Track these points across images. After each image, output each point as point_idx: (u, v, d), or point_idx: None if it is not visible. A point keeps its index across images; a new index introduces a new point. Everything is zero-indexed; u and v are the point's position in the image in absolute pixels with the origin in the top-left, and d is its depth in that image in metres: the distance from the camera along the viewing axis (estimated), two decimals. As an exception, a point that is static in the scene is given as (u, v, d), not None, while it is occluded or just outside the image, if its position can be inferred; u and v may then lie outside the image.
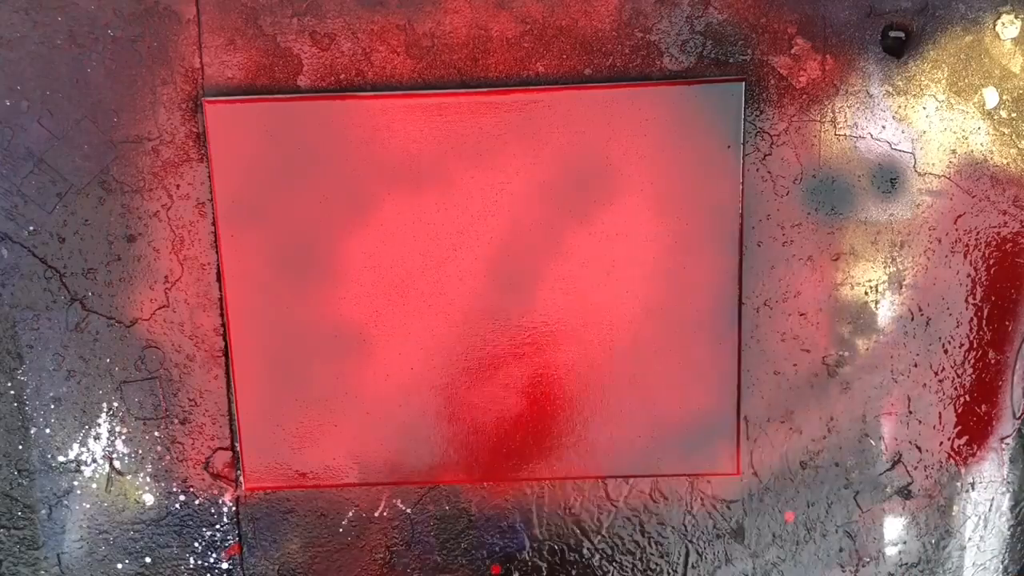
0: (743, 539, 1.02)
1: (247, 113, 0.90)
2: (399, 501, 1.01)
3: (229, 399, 0.98)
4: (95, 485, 1.00)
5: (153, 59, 0.91)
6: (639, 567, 1.02)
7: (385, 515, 1.01)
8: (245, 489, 1.00)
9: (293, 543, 1.02)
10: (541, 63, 0.91)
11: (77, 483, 1.00)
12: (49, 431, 0.98)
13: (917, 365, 0.98)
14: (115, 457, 0.99)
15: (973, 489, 1.01)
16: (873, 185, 0.93)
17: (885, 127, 0.92)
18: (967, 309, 0.96)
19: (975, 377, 0.98)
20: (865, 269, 0.95)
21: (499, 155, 0.92)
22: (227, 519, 1.01)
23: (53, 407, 0.98)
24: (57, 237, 0.94)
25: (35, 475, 0.99)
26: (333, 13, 0.90)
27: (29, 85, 0.91)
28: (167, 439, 0.99)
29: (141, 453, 0.99)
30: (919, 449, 1.00)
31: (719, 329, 0.95)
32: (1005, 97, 0.91)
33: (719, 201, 0.92)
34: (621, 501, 1.01)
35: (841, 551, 1.02)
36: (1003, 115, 0.92)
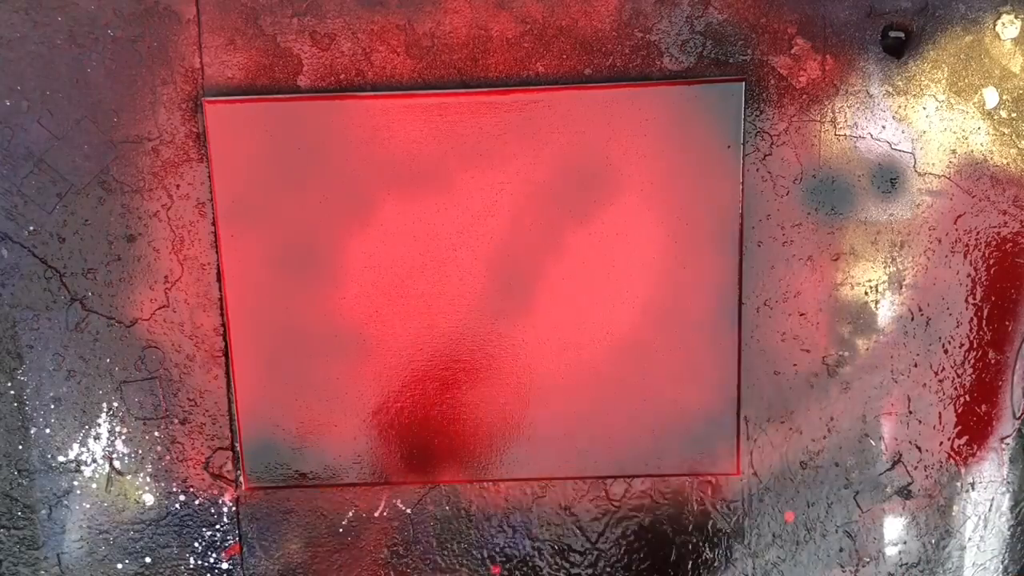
0: (743, 539, 1.02)
1: (247, 113, 0.90)
2: (399, 501, 1.01)
3: (229, 399, 0.98)
4: (95, 485, 1.00)
5: (153, 59, 0.91)
6: (639, 567, 1.02)
7: (385, 515, 1.01)
8: (245, 489, 1.00)
9: (293, 543, 1.02)
10: (541, 63, 0.91)
11: (77, 483, 1.00)
12: (49, 431, 0.98)
13: (917, 365, 0.98)
14: (115, 457, 0.99)
15: (973, 489, 1.01)
16: (873, 185, 0.93)
17: (885, 127, 0.92)
18: (967, 309, 0.96)
19: (975, 377, 0.98)
20: (865, 269, 0.95)
21: (499, 155, 0.92)
22: (227, 519, 1.01)
23: (53, 407, 0.98)
24: (57, 237, 0.94)
25: (35, 475, 0.99)
26: (333, 13, 0.90)
27: (29, 85, 0.91)
28: (167, 439, 0.99)
29: (141, 453, 0.99)
30: (919, 449, 1.00)
31: (719, 329, 0.95)
32: (1005, 97, 0.91)
33: (719, 201, 0.92)
34: (621, 501, 1.01)
35: (841, 551, 1.02)
36: (1003, 115, 0.92)
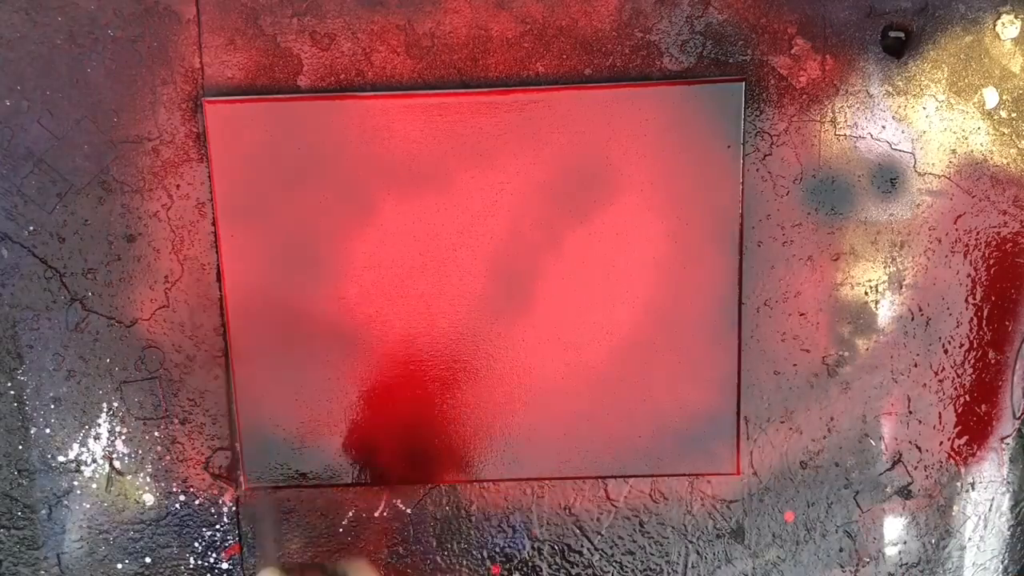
0: (743, 539, 1.02)
1: (247, 113, 0.90)
2: (399, 501, 1.01)
3: (229, 399, 0.98)
4: (95, 485, 1.00)
5: (153, 59, 0.91)
6: (639, 567, 1.02)
7: (385, 515, 1.01)
8: (245, 489, 1.00)
9: (293, 543, 1.02)
10: (541, 63, 0.91)
11: (77, 483, 1.00)
12: (49, 431, 0.98)
13: (917, 365, 0.98)
14: (115, 457, 0.99)
15: (973, 489, 1.01)
16: (873, 185, 0.93)
17: (885, 127, 0.92)
18: (967, 309, 0.96)
19: (975, 377, 0.98)
20: (865, 269, 0.95)
21: (499, 155, 0.92)
22: (227, 519, 1.01)
23: (53, 407, 0.98)
24: (57, 237, 0.94)
25: (35, 475, 0.99)
26: (333, 13, 0.90)
27: (29, 85, 0.91)
28: (167, 439, 0.99)
29: (141, 453, 0.99)
30: (919, 449, 1.00)
31: (719, 329, 0.95)
32: (1005, 97, 0.91)
33: (719, 201, 0.92)
34: (621, 501, 1.01)
35: (841, 551, 1.02)
36: (1003, 115, 0.92)
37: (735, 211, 0.92)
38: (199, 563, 1.02)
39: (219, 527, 1.01)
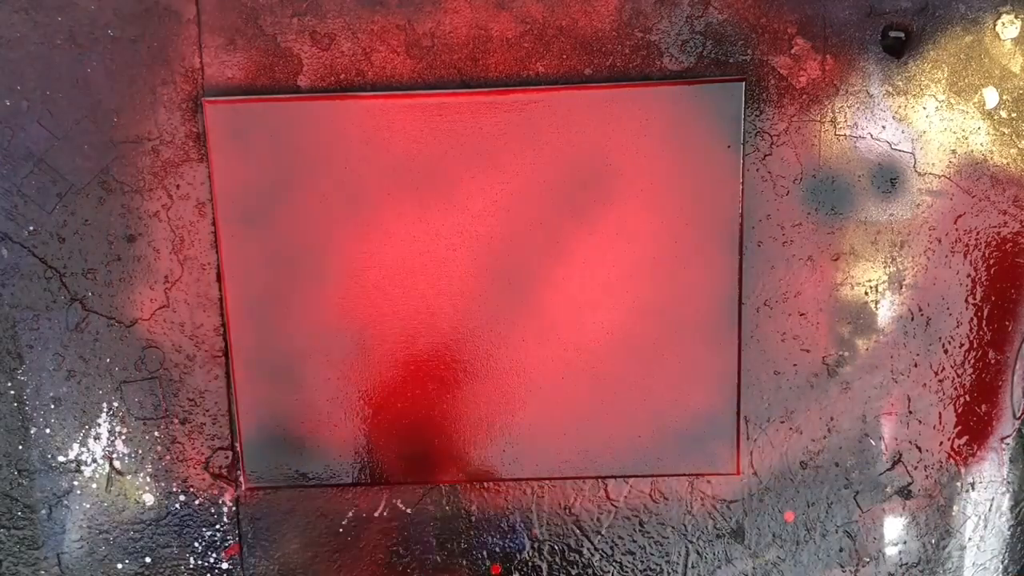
0: (743, 539, 1.02)
1: (247, 113, 0.90)
2: (399, 501, 1.01)
3: (229, 399, 0.98)
4: (95, 485, 1.00)
5: (153, 59, 0.91)
6: (639, 567, 1.02)
7: (385, 515, 1.01)
8: (245, 489, 1.00)
9: (293, 543, 1.02)
10: (541, 63, 0.91)
11: (77, 483, 1.00)
12: (49, 431, 0.98)
13: (917, 365, 0.98)
14: (115, 457, 0.99)
15: (973, 489, 1.01)
16: (873, 185, 0.93)
17: (885, 127, 0.92)
18: (967, 309, 0.96)
19: (975, 377, 0.98)
20: (865, 269, 0.95)
21: (499, 155, 0.92)
22: (227, 519, 1.01)
23: (53, 407, 0.98)
24: (57, 237, 0.94)
25: (35, 475, 0.99)
26: (333, 13, 0.90)
27: (29, 85, 0.91)
28: (167, 439, 0.99)
29: (141, 453, 0.99)
30: (919, 449, 1.00)
31: (719, 329, 0.95)
32: (1005, 97, 0.91)
33: (719, 201, 0.92)
34: (621, 501, 1.01)
35: (841, 551, 1.02)
36: (1003, 115, 0.92)
37: (735, 211, 0.92)
38: (199, 563, 1.01)
39: (219, 527, 1.01)
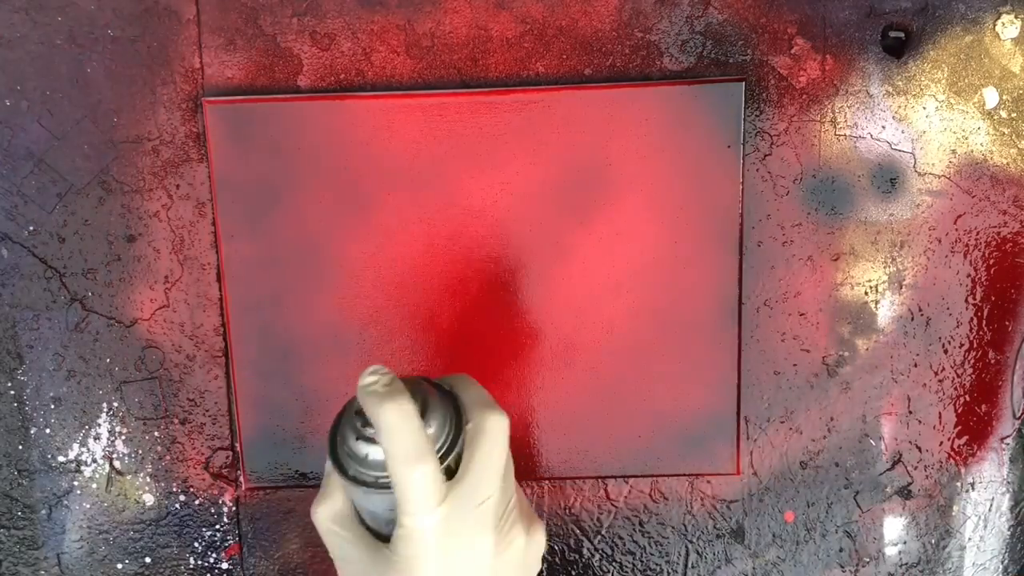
0: (743, 539, 1.02)
1: (247, 113, 0.90)
2: (399, 501, 1.01)
3: (229, 399, 0.98)
4: (95, 485, 1.00)
5: (153, 59, 0.91)
6: (639, 567, 1.02)
7: (385, 515, 1.01)
8: (245, 489, 1.00)
9: (293, 543, 1.02)
10: (541, 63, 0.91)
11: (77, 483, 1.00)
12: (49, 431, 0.98)
13: (917, 365, 0.98)
14: (115, 457, 0.99)
15: (973, 489, 1.01)
16: (873, 185, 0.93)
17: (885, 127, 0.92)
18: (967, 309, 0.96)
19: (975, 377, 0.98)
20: (865, 269, 0.95)
21: (499, 155, 0.92)
22: (227, 519, 1.01)
23: (53, 407, 0.98)
24: (57, 237, 0.94)
25: (35, 475, 0.99)
26: (333, 13, 0.90)
27: (29, 85, 0.91)
28: (167, 439, 0.99)
29: (141, 453, 0.99)
30: (919, 449, 1.00)
31: (719, 329, 0.95)
32: (1005, 97, 0.91)
33: (719, 201, 0.92)
34: (621, 501, 1.01)
35: (841, 551, 1.02)
36: (1003, 115, 0.92)
37: (735, 211, 0.92)
38: (199, 563, 1.02)
39: (219, 527, 1.01)
